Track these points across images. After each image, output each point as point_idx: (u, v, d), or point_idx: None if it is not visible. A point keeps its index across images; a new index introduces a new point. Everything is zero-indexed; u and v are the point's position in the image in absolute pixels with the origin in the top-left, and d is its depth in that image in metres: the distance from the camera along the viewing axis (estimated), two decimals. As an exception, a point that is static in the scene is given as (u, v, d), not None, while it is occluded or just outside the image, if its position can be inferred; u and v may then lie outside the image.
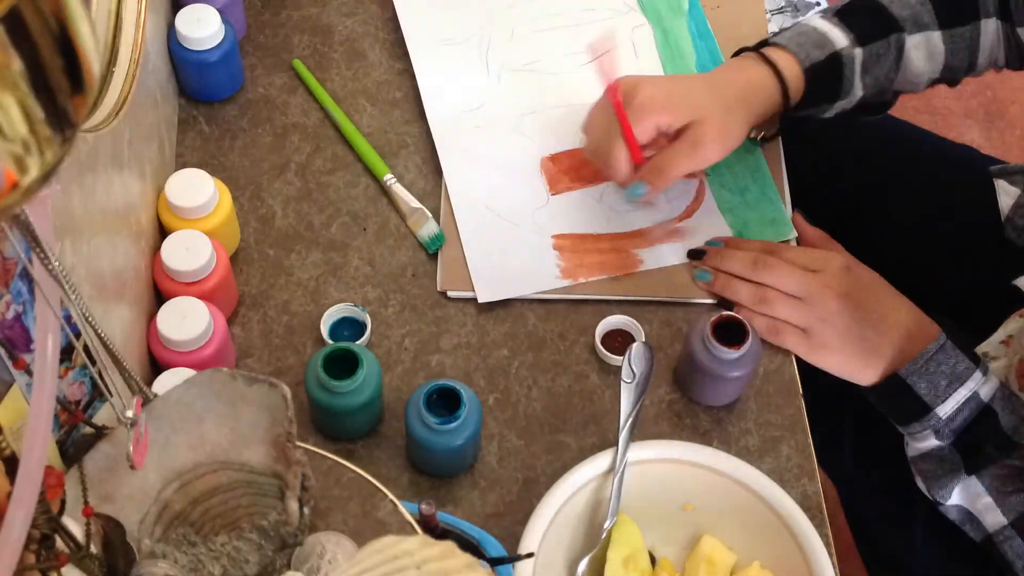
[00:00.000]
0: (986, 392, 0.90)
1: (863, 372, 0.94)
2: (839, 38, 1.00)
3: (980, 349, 1.00)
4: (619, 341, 0.98)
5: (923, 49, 1.02)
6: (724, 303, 1.00)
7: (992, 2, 1.02)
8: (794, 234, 1.04)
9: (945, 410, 0.90)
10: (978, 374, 0.90)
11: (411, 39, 1.14)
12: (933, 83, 1.06)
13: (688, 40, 1.15)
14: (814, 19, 1.02)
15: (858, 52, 1.00)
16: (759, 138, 1.08)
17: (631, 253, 1.02)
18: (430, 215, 1.03)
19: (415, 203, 1.04)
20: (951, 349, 0.90)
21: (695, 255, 1.01)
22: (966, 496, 0.91)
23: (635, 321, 0.98)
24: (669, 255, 1.02)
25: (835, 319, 0.94)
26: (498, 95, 1.11)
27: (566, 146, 1.08)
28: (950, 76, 1.05)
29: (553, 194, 1.05)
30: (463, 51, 1.13)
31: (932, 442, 0.91)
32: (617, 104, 0.96)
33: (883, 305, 0.95)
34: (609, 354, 0.97)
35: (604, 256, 1.02)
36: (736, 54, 1.05)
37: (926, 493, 0.94)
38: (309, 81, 1.11)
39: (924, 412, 0.90)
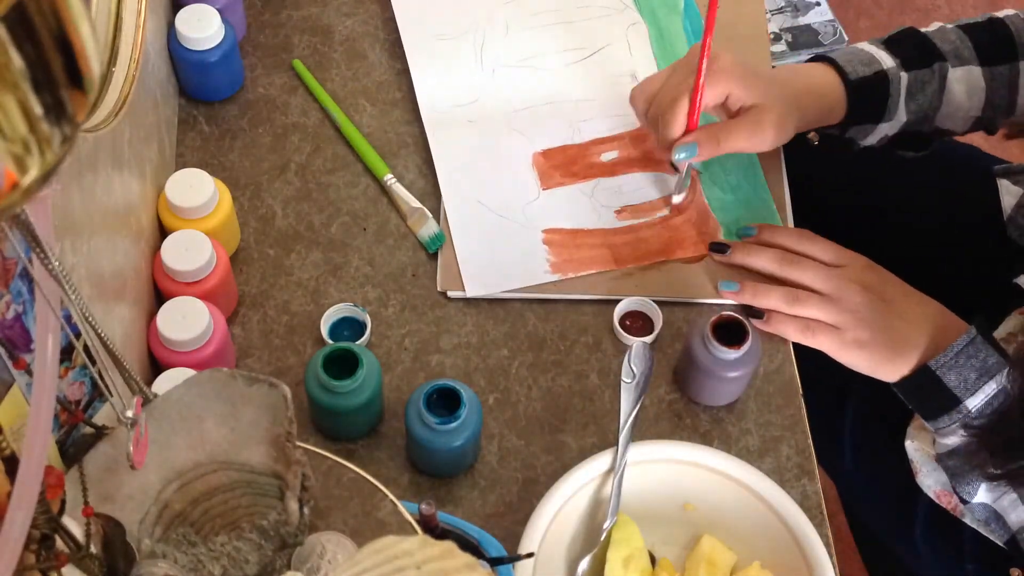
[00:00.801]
0: (1014, 387, 0.90)
1: (893, 365, 0.94)
2: (886, 59, 1.03)
3: None
4: (639, 323, 0.98)
5: (964, 83, 1.04)
6: (747, 309, 0.99)
7: None
8: None
9: (974, 403, 0.89)
10: (1008, 370, 0.90)
11: (406, 33, 1.14)
12: (974, 124, 1.07)
13: (683, 39, 1.16)
14: (861, 44, 1.05)
15: (904, 76, 1.02)
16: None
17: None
18: (430, 215, 1.03)
19: (415, 203, 1.04)
20: (981, 343, 0.90)
21: (718, 248, 1.01)
22: (991, 494, 0.91)
23: (654, 304, 0.98)
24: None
25: (865, 312, 0.94)
26: (491, 90, 1.11)
27: (558, 141, 1.08)
28: (991, 115, 1.06)
29: (544, 189, 1.05)
30: (457, 46, 1.14)
31: (960, 436, 0.91)
32: (702, 61, 0.95)
33: (909, 300, 0.96)
34: (628, 336, 0.97)
35: (594, 251, 1.02)
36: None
37: (951, 491, 0.94)
38: (309, 81, 1.11)
39: (953, 405, 0.90)
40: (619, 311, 0.99)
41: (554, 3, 1.17)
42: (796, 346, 1.00)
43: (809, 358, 0.99)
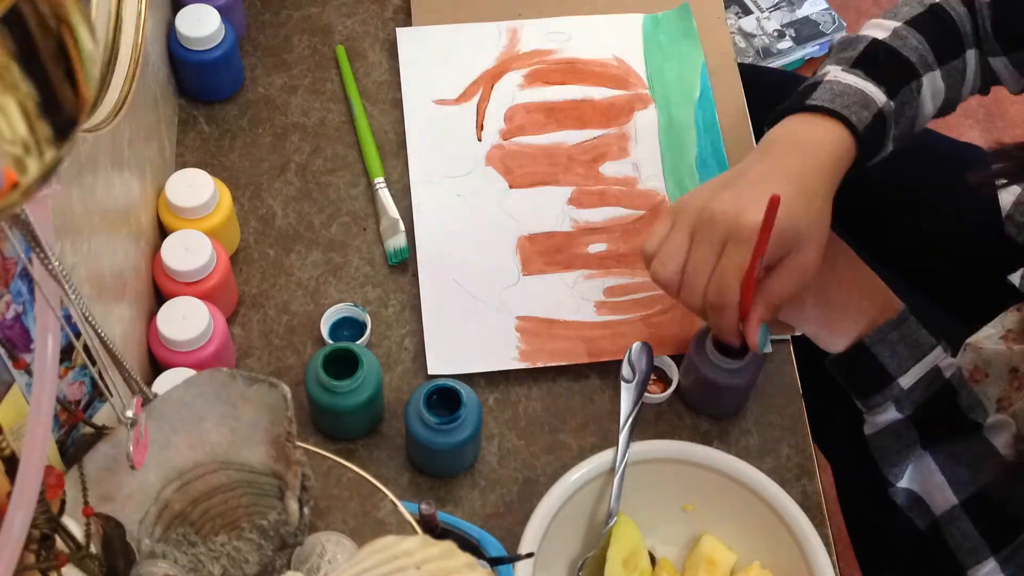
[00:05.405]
0: (947, 368, 0.90)
1: (835, 337, 0.93)
2: (876, 93, 0.90)
3: (977, 344, 1.00)
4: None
5: (929, 88, 0.99)
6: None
7: (970, 33, 1.02)
8: None
9: (907, 380, 0.90)
10: (939, 350, 0.90)
11: (408, 91, 1.10)
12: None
13: (692, 131, 1.10)
14: (840, 75, 0.91)
15: (890, 106, 0.91)
16: None
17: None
18: (403, 229, 1.02)
19: (394, 212, 1.03)
20: (914, 323, 0.91)
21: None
22: (918, 475, 0.91)
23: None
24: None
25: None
26: (487, 167, 1.07)
27: (546, 228, 1.03)
28: (945, 108, 1.04)
29: (525, 275, 1.01)
30: (460, 114, 1.10)
31: (891, 415, 0.91)
32: (767, 229, 0.79)
33: (856, 272, 0.96)
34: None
35: (568, 343, 0.97)
36: (778, 114, 0.91)
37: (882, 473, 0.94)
38: (345, 70, 1.11)
39: (887, 382, 0.91)
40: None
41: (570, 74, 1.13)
42: (794, 345, 1.00)
43: (806, 355, 0.99)
